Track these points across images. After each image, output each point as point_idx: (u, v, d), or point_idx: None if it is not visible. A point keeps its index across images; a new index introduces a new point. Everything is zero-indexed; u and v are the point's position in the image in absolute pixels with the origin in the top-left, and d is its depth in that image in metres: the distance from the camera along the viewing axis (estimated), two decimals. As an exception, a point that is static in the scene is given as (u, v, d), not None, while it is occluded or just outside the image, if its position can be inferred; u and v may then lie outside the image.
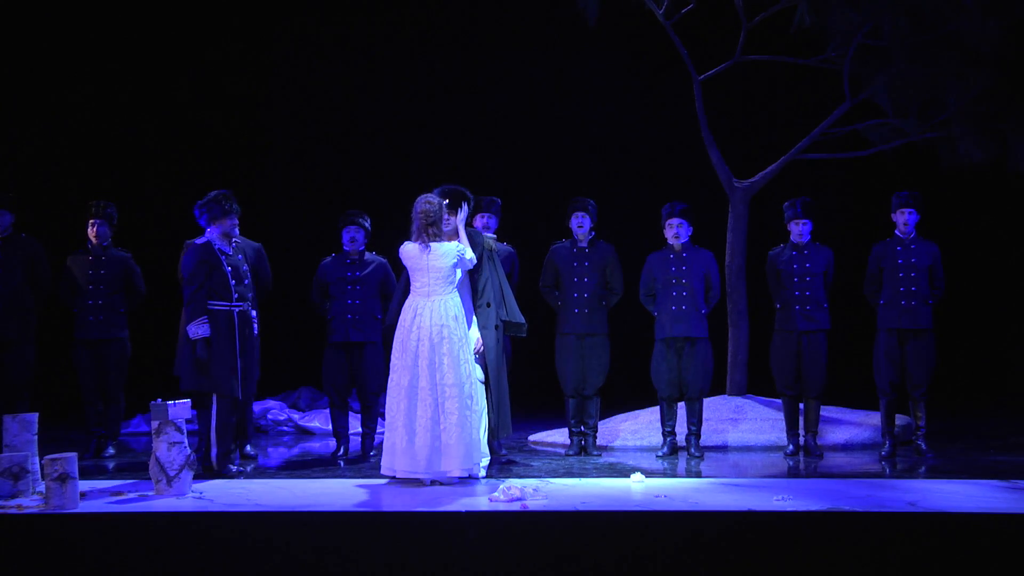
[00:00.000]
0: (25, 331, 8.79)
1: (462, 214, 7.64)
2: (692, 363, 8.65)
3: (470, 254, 7.49)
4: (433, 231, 7.33)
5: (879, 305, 8.69)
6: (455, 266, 7.36)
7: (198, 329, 7.53)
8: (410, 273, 7.40)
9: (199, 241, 7.71)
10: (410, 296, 7.39)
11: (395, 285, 8.55)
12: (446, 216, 7.44)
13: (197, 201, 7.75)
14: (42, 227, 9.73)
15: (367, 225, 8.92)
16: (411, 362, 7.21)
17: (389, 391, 7.32)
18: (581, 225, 8.75)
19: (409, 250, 7.38)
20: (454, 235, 7.62)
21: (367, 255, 8.91)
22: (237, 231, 7.98)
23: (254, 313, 7.98)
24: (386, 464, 7.24)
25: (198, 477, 7.17)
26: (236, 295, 7.68)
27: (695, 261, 8.71)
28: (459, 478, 7.19)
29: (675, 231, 8.73)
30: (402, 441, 7.15)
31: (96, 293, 8.92)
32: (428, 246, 7.32)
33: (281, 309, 11.81)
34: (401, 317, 7.38)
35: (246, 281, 7.81)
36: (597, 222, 8.83)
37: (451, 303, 7.32)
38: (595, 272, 8.71)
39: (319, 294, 8.92)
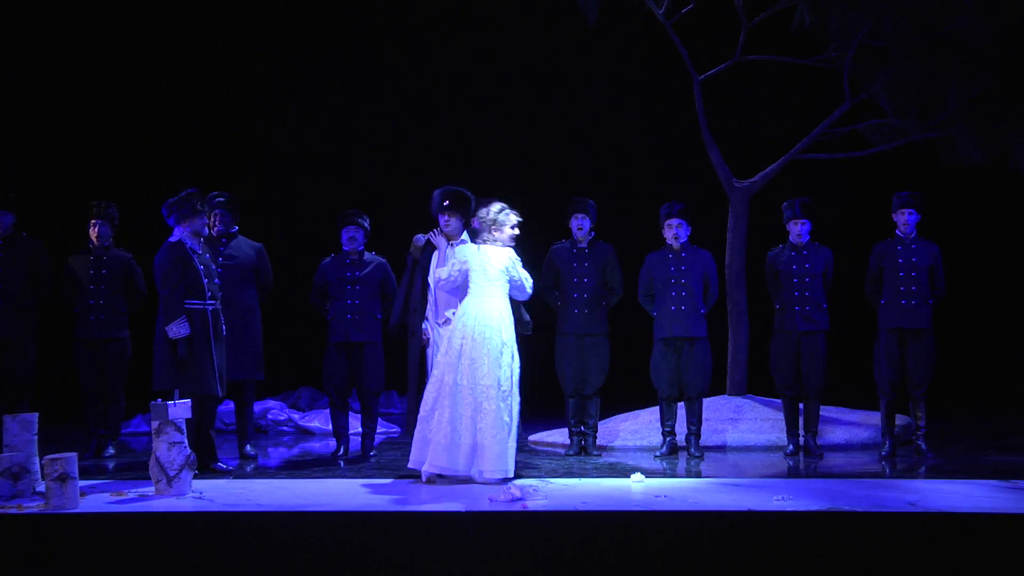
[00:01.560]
0: (26, 331, 8.79)
1: (458, 218, 7.67)
2: (692, 363, 8.65)
3: (525, 278, 7.51)
4: (486, 236, 7.45)
5: (880, 305, 8.69)
6: (505, 271, 7.41)
7: (179, 329, 7.53)
8: (467, 273, 7.47)
9: (171, 240, 7.72)
10: (465, 296, 7.47)
11: (395, 285, 8.55)
12: (499, 222, 7.49)
13: (166, 200, 7.76)
14: (43, 227, 9.73)
15: (366, 225, 8.91)
16: (454, 359, 7.25)
17: (429, 387, 7.35)
18: (581, 227, 8.75)
19: (465, 250, 7.50)
20: (456, 235, 7.68)
21: (367, 255, 8.91)
22: (207, 230, 7.97)
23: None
24: (416, 458, 7.25)
25: (198, 477, 7.18)
26: (208, 293, 7.71)
27: (694, 261, 8.71)
28: (497, 480, 7.11)
29: (674, 231, 8.73)
30: (445, 438, 7.15)
31: (97, 293, 8.92)
32: (481, 247, 7.43)
33: (281, 309, 11.81)
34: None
35: (216, 280, 7.84)
36: (597, 222, 8.84)
37: (496, 305, 7.36)
38: (595, 272, 8.71)
39: (318, 295, 8.92)
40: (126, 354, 9.08)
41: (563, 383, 8.79)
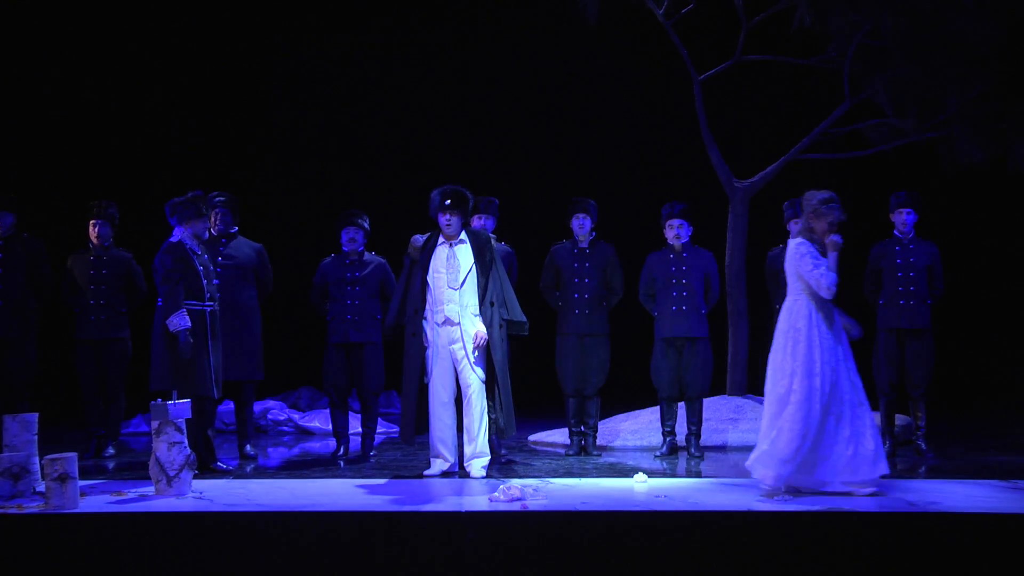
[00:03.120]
0: (26, 331, 8.79)
1: (459, 218, 7.66)
2: (692, 363, 8.65)
3: (812, 274, 6.82)
4: (799, 222, 7.15)
5: (878, 305, 8.69)
6: (793, 265, 6.94)
7: (179, 320, 7.52)
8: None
9: (172, 240, 7.72)
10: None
11: (395, 285, 8.55)
12: (819, 212, 7.03)
13: (170, 199, 7.75)
14: (44, 227, 9.73)
15: (366, 225, 8.91)
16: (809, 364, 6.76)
17: (800, 397, 6.64)
18: (582, 226, 8.75)
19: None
20: (456, 235, 7.66)
21: (366, 255, 8.91)
22: (207, 233, 7.97)
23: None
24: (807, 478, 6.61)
25: (198, 477, 7.18)
26: (207, 295, 7.71)
27: (695, 261, 8.71)
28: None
29: (675, 231, 8.73)
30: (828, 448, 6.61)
31: (97, 293, 8.92)
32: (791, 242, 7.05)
33: (281, 309, 11.81)
34: None
35: (215, 281, 7.85)
36: (598, 222, 8.83)
37: (787, 305, 6.96)
38: (596, 272, 8.71)
39: (318, 295, 8.92)
40: (126, 354, 9.08)
41: (563, 383, 8.79)
